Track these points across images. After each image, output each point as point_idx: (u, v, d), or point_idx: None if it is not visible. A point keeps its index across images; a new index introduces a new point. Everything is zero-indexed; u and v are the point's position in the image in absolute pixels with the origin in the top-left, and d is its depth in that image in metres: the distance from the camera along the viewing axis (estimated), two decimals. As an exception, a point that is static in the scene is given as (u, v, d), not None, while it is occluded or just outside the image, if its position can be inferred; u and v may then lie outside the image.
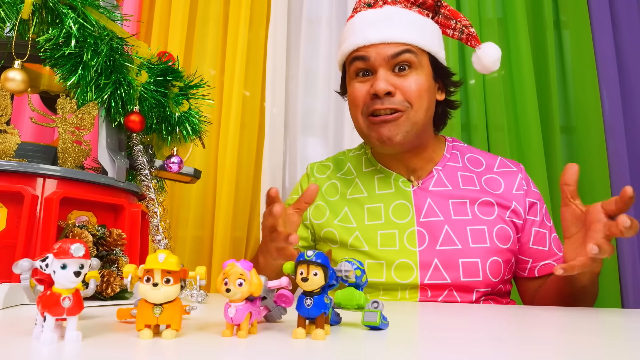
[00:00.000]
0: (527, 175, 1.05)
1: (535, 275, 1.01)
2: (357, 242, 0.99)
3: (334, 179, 1.10)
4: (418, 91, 0.95)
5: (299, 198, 0.86)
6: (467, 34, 1.01)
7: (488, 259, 0.95)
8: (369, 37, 0.96)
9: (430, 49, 0.98)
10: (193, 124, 0.84)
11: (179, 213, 1.53)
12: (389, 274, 0.95)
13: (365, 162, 1.10)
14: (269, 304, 0.51)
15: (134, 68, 0.76)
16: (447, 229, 0.96)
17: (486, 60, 0.99)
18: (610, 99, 1.52)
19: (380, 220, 1.00)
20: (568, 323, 0.63)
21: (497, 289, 0.97)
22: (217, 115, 1.56)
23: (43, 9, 0.68)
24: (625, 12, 1.58)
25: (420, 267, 0.94)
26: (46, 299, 0.38)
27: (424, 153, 1.04)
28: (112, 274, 0.65)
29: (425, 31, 0.98)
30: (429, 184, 1.02)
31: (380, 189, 1.04)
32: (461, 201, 0.99)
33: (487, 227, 0.97)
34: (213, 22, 1.62)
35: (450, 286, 0.94)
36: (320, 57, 1.62)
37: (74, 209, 0.68)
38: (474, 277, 0.93)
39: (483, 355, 0.39)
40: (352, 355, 0.38)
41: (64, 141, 0.69)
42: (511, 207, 0.99)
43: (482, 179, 1.03)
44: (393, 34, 0.95)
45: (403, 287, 0.95)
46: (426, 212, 0.99)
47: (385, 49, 0.95)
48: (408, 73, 0.95)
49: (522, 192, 1.01)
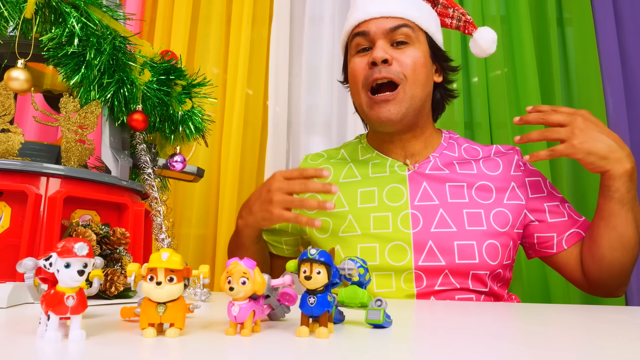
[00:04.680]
0: (522, 156, 1.05)
1: (564, 247, 0.98)
2: (350, 228, 0.99)
3: (327, 164, 1.11)
4: (414, 64, 0.98)
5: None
6: (464, 21, 1.06)
7: (484, 241, 0.94)
8: (369, 11, 1.00)
9: (428, 29, 1.02)
10: (196, 123, 0.84)
11: (182, 211, 1.53)
12: (383, 257, 0.95)
13: (361, 150, 1.11)
14: (273, 303, 0.51)
15: (137, 67, 0.76)
16: (442, 212, 0.96)
17: (483, 41, 1.03)
18: (614, 96, 1.52)
19: (374, 203, 1.00)
20: (570, 321, 0.63)
21: (495, 273, 0.95)
22: (220, 113, 1.57)
23: (46, 8, 0.68)
24: (628, 9, 1.57)
25: (415, 250, 0.94)
26: (50, 297, 0.38)
27: (421, 136, 1.05)
28: (115, 273, 0.65)
29: (423, 11, 1.03)
30: (425, 167, 1.03)
31: (374, 173, 1.05)
32: (458, 184, 1.00)
33: (484, 210, 0.97)
34: (216, 21, 1.62)
35: (445, 269, 0.92)
36: (323, 55, 1.62)
37: (78, 207, 0.68)
38: (470, 260, 0.92)
39: (487, 352, 0.39)
40: (355, 353, 0.38)
41: (68, 140, 0.69)
42: (509, 188, 0.99)
43: (480, 162, 1.03)
44: (392, 8, 1.00)
45: (397, 272, 0.94)
46: (421, 196, 0.99)
47: (384, 23, 0.99)
48: (405, 47, 0.99)
49: (520, 172, 1.02)
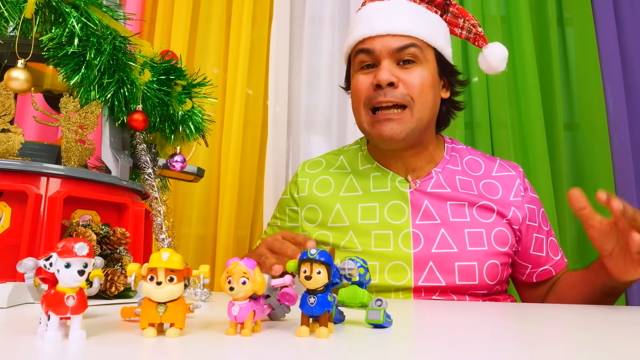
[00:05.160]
0: (524, 179, 1.04)
1: (533, 280, 1.01)
2: (350, 244, 0.97)
3: (327, 175, 1.07)
4: (421, 86, 0.94)
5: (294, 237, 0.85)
6: (474, 34, 1.00)
7: (485, 262, 0.93)
8: (375, 28, 0.95)
9: (436, 44, 0.97)
10: (196, 123, 0.84)
11: (182, 211, 1.53)
12: (382, 276, 0.93)
13: (361, 159, 1.07)
14: (273, 302, 0.51)
15: (137, 67, 0.76)
16: (443, 231, 0.94)
17: (492, 59, 0.98)
18: (614, 95, 1.52)
19: (375, 220, 0.97)
20: (570, 320, 0.63)
21: (493, 291, 0.95)
22: (220, 113, 1.57)
23: (46, 8, 0.68)
24: (628, 9, 1.57)
25: (415, 269, 0.92)
26: (50, 297, 0.38)
27: (424, 152, 1.02)
28: (116, 273, 0.65)
29: (432, 26, 0.97)
30: (427, 185, 0.99)
31: (375, 188, 1.01)
32: (459, 203, 0.97)
33: (485, 230, 0.95)
34: (216, 21, 1.62)
35: (445, 289, 0.92)
36: (323, 55, 1.62)
37: (78, 207, 0.68)
38: (470, 281, 0.92)
39: (487, 352, 0.39)
40: (355, 353, 0.38)
41: (68, 140, 0.69)
42: (509, 214, 0.97)
43: (480, 183, 1.01)
44: (399, 25, 0.94)
45: (397, 290, 0.93)
46: (423, 214, 0.96)
47: (390, 41, 0.94)
48: (412, 67, 0.94)
49: (520, 198, 0.99)
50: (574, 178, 1.56)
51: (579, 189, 0.76)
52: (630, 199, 1.47)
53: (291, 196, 1.08)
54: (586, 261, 1.51)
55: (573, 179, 1.56)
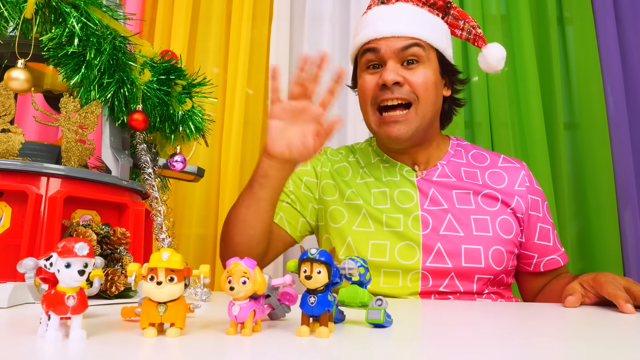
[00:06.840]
0: (529, 172, 1.07)
1: (540, 270, 1.03)
2: (364, 223, 1.00)
3: (346, 162, 1.12)
4: (425, 84, 0.98)
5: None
6: (474, 35, 1.04)
7: (491, 247, 0.95)
8: (380, 30, 0.99)
9: (438, 46, 1.01)
10: (196, 123, 0.84)
11: (182, 211, 1.53)
12: (392, 255, 0.96)
13: (372, 154, 1.12)
14: (273, 302, 0.51)
15: (137, 67, 0.76)
16: (450, 217, 0.97)
17: (491, 59, 1.02)
18: (614, 94, 1.52)
19: (387, 205, 1.01)
20: (571, 319, 0.63)
21: (499, 278, 0.97)
22: (220, 113, 1.57)
23: (46, 8, 0.68)
24: (628, 8, 1.57)
25: (423, 251, 0.95)
26: (51, 297, 0.38)
27: (429, 147, 1.06)
28: (116, 273, 0.65)
29: (434, 28, 1.01)
30: (432, 174, 1.04)
31: (385, 177, 1.06)
32: (465, 192, 1.01)
33: (490, 217, 0.98)
34: (216, 20, 1.62)
35: (451, 271, 0.94)
36: (323, 55, 1.61)
37: (78, 207, 0.68)
38: (476, 264, 0.94)
39: (487, 351, 0.39)
40: (356, 353, 0.38)
41: (68, 140, 0.69)
42: (513, 203, 1.00)
43: (485, 173, 1.04)
44: (403, 28, 0.98)
45: (405, 270, 0.95)
46: (430, 201, 1.00)
47: (395, 42, 0.98)
48: (416, 67, 0.98)
49: (524, 188, 1.02)
50: (574, 177, 1.56)
51: (572, 299, 0.77)
52: (630, 198, 1.47)
53: (313, 169, 1.12)
54: (586, 261, 1.51)
55: (573, 178, 1.56)
